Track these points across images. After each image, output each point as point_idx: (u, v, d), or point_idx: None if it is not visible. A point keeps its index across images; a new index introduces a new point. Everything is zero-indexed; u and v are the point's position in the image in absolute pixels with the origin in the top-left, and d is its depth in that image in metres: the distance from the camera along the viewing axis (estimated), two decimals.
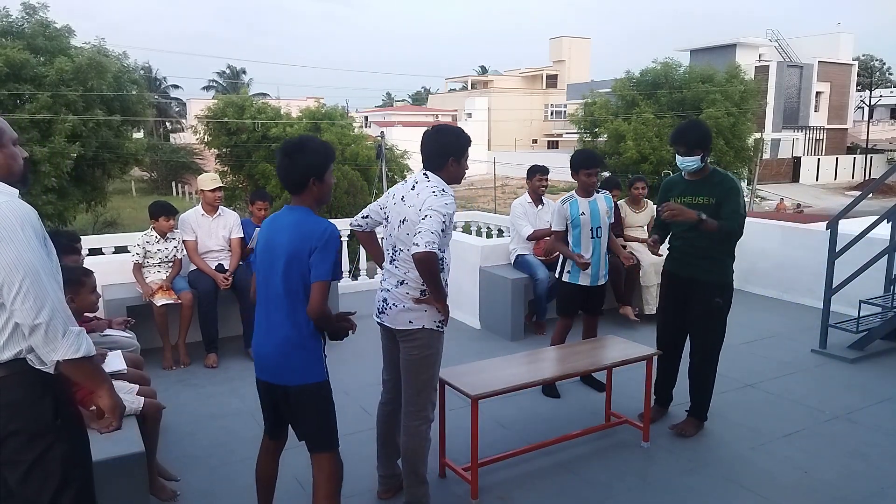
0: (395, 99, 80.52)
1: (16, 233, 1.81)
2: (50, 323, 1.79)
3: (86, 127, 18.52)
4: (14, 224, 1.82)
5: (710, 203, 3.75)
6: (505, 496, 3.33)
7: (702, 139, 3.77)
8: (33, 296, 1.78)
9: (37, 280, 1.80)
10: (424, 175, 2.98)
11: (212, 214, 5.47)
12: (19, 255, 1.79)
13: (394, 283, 3.02)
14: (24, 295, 1.78)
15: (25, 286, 1.78)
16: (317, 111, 27.19)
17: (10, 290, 1.79)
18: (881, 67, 54.80)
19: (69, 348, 1.82)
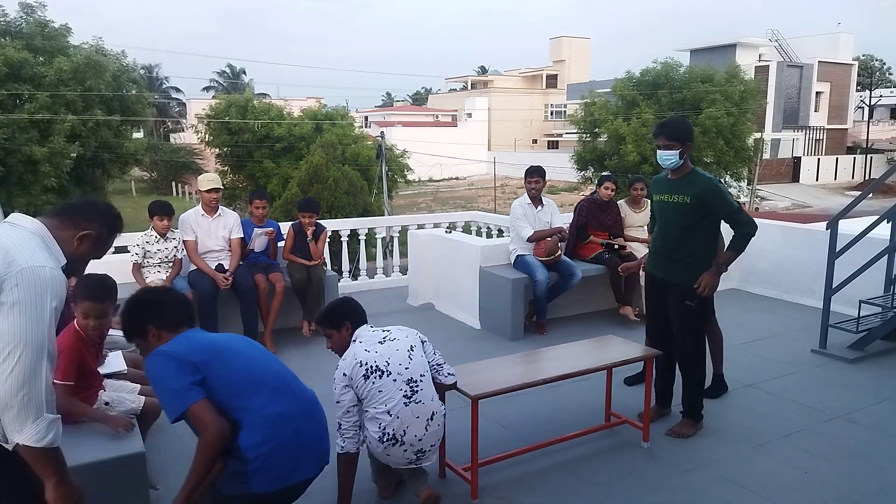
0: (395, 99, 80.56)
1: (39, 305, 1.76)
2: (27, 404, 1.74)
3: (85, 127, 18.55)
4: (44, 295, 1.77)
5: (685, 201, 3.75)
6: (505, 496, 3.33)
7: (680, 132, 3.74)
8: (24, 372, 1.73)
9: (34, 358, 1.74)
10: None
11: (212, 214, 5.47)
12: (30, 327, 1.74)
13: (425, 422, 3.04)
14: (14, 367, 1.72)
15: (20, 359, 1.72)
16: (318, 111, 27.20)
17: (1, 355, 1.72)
18: (881, 67, 54.78)
19: (34, 435, 1.77)
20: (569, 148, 35.83)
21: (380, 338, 3.06)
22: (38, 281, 1.76)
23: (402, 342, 3.06)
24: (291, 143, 25.17)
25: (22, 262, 1.76)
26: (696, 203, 3.71)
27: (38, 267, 1.78)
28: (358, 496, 3.33)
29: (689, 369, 3.95)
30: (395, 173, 25.64)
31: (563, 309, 6.51)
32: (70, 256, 2.00)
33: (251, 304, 5.42)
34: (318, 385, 4.74)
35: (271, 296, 5.51)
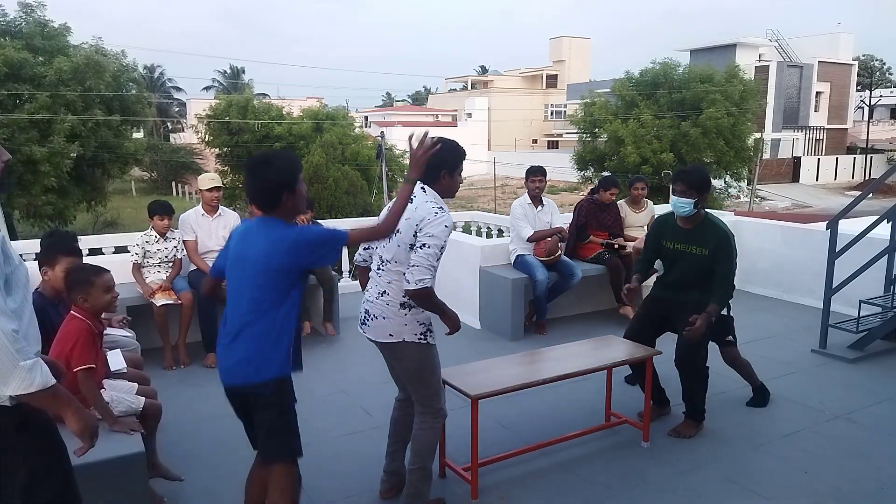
0: (395, 99, 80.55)
1: None
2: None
3: (85, 127, 18.54)
4: None
5: (704, 254, 3.81)
6: (505, 496, 3.33)
7: (702, 183, 3.78)
8: None
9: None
10: (422, 189, 2.92)
11: (212, 214, 5.47)
12: None
13: (376, 293, 2.95)
14: None
15: None
16: (319, 111, 27.21)
17: None
18: (881, 67, 54.78)
19: (20, 384, 1.74)
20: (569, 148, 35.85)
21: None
22: None
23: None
24: (291, 142, 25.17)
25: None
26: (713, 253, 3.79)
27: None
28: (357, 496, 3.33)
29: (692, 372, 3.95)
30: (395, 173, 25.63)
31: (563, 309, 6.51)
32: None
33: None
34: (318, 384, 4.76)
35: None
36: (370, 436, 3.87)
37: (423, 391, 3.03)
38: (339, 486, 3.42)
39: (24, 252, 5.73)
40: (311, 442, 3.88)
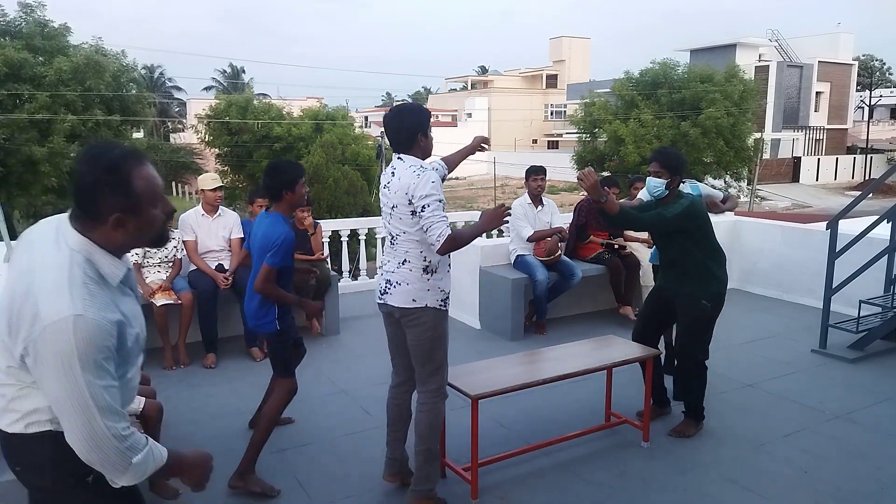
0: (395, 99, 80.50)
1: (65, 368, 1.52)
2: (106, 464, 1.58)
3: (85, 127, 18.52)
4: (69, 357, 1.51)
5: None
6: (505, 496, 3.33)
7: (672, 162, 3.77)
8: (81, 436, 1.55)
9: (85, 422, 1.54)
10: (399, 159, 3.02)
11: (212, 214, 5.47)
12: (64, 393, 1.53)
13: (396, 263, 3.05)
14: (72, 434, 1.56)
15: (73, 425, 1.55)
16: (320, 111, 27.19)
17: (62, 421, 1.57)
18: (881, 67, 54.76)
19: (134, 477, 1.64)
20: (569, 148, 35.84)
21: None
22: (60, 340, 1.51)
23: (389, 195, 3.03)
24: (291, 143, 25.17)
25: (45, 317, 1.52)
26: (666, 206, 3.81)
27: (62, 320, 1.51)
28: (357, 496, 3.33)
29: (690, 365, 3.96)
30: None
31: (563, 309, 6.51)
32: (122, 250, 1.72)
33: None
34: (317, 384, 4.76)
35: None
36: (370, 436, 3.87)
37: (428, 366, 3.07)
38: (340, 486, 3.42)
39: None
40: (311, 442, 3.90)
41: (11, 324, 1.57)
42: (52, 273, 1.57)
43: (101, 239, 1.64)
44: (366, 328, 6.10)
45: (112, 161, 1.59)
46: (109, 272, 1.65)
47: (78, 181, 1.60)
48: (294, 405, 4.35)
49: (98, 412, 1.55)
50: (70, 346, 1.50)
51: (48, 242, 1.63)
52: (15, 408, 1.65)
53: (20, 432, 1.66)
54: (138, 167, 1.63)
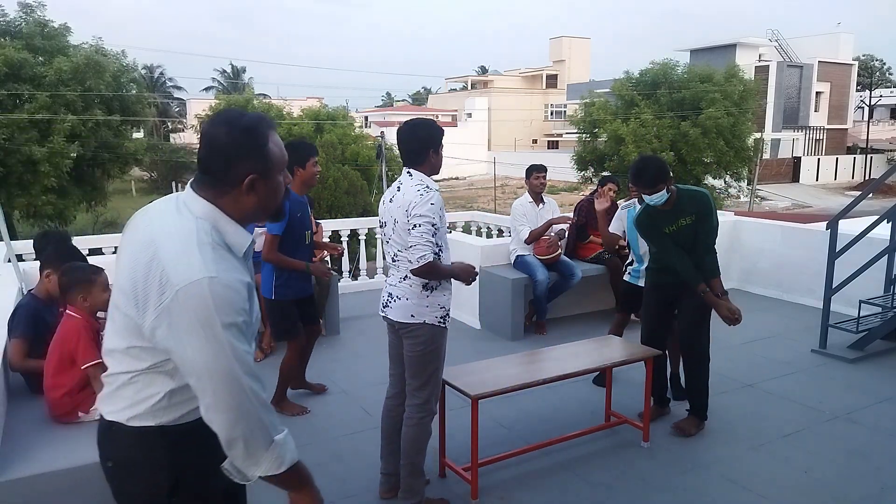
0: (394, 99, 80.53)
1: (207, 330, 1.44)
2: (250, 438, 1.49)
3: (85, 127, 18.51)
4: (210, 318, 1.43)
5: (693, 220, 3.86)
6: (505, 496, 3.33)
7: (659, 175, 3.73)
8: (226, 406, 1.46)
9: (231, 388, 1.46)
10: (408, 174, 3.03)
11: None
12: (209, 359, 1.44)
13: (398, 278, 3.07)
14: (216, 405, 1.47)
15: (216, 394, 1.46)
16: (320, 111, 27.17)
17: (202, 395, 1.48)
18: (881, 67, 54.77)
19: (273, 463, 1.53)
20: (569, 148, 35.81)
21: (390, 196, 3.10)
22: (196, 303, 1.43)
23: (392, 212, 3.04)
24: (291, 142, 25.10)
25: (176, 281, 1.44)
26: (698, 214, 3.83)
27: (195, 282, 1.43)
28: (357, 496, 3.33)
29: (697, 358, 3.97)
30: (396, 173, 25.60)
31: (563, 309, 6.51)
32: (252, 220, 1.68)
33: None
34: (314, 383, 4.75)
35: None
36: (370, 436, 3.87)
37: (417, 379, 3.07)
38: (339, 486, 3.42)
39: (24, 252, 5.72)
40: (311, 442, 3.90)
41: (137, 296, 1.49)
42: (178, 239, 1.50)
43: (230, 205, 1.59)
44: (366, 328, 6.10)
45: (249, 124, 1.57)
46: (235, 241, 1.60)
47: (212, 144, 1.56)
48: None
49: (244, 375, 1.47)
50: (208, 307, 1.43)
51: (169, 213, 1.58)
52: (122, 394, 1.58)
53: (121, 422, 1.59)
54: (271, 132, 1.62)
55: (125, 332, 1.54)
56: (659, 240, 3.95)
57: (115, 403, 1.60)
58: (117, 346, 1.57)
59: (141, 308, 1.48)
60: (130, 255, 1.55)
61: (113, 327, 1.59)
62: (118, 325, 1.56)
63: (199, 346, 1.44)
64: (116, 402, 1.60)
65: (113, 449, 1.64)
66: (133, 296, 1.50)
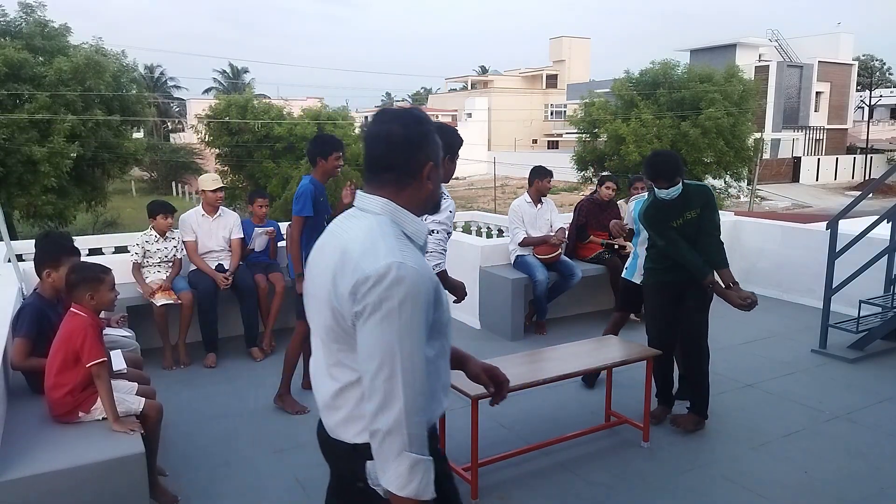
0: (394, 99, 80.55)
1: (404, 314, 1.43)
2: (388, 433, 1.43)
3: (85, 127, 18.50)
4: (405, 303, 1.43)
5: (698, 214, 3.90)
6: (505, 496, 3.33)
7: (678, 168, 3.82)
8: (382, 393, 1.43)
9: (397, 377, 1.43)
10: None
11: (212, 215, 5.47)
12: (398, 339, 1.42)
13: None
14: (375, 388, 1.44)
15: (380, 378, 1.43)
16: (321, 111, 27.15)
17: (367, 375, 1.46)
18: (881, 67, 54.75)
19: (396, 479, 1.44)
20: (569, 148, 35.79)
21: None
22: (386, 289, 1.43)
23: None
24: (292, 143, 25.14)
25: (368, 270, 1.44)
26: (702, 208, 3.89)
27: (384, 267, 1.44)
28: None
29: (702, 365, 4.00)
30: None
31: (563, 309, 6.51)
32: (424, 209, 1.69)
33: (251, 303, 5.42)
34: None
35: (271, 296, 5.51)
36: None
37: None
38: None
39: (25, 252, 5.73)
40: (311, 442, 3.88)
41: (338, 299, 1.50)
42: (362, 235, 1.53)
43: (410, 197, 1.63)
44: None
45: (418, 115, 1.65)
46: (414, 230, 1.62)
47: (391, 140, 1.61)
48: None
49: (420, 371, 1.45)
50: (396, 293, 1.43)
51: (348, 220, 1.65)
52: (362, 413, 1.52)
53: (366, 442, 1.52)
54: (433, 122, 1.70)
55: (333, 343, 1.57)
56: (667, 233, 3.95)
57: (357, 424, 1.57)
58: (335, 362, 1.59)
59: (340, 312, 1.51)
60: (324, 268, 1.59)
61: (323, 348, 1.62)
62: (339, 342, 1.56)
63: (381, 333, 1.44)
64: (358, 422, 1.56)
65: (364, 470, 1.58)
66: (335, 302, 1.52)
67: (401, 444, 1.43)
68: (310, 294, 1.67)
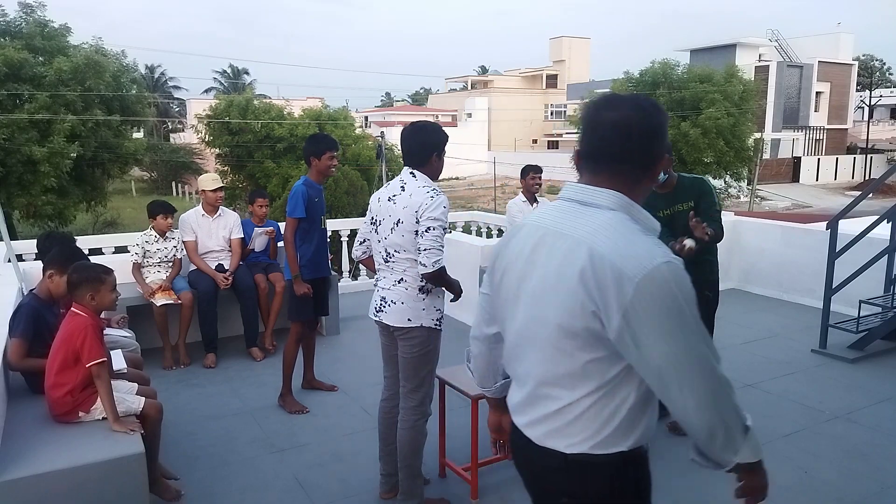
0: (394, 99, 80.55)
1: (673, 314, 1.36)
2: (730, 425, 1.43)
3: (85, 127, 18.51)
4: (674, 299, 1.36)
5: (690, 206, 3.85)
6: (505, 496, 3.33)
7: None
8: (704, 397, 1.39)
9: (708, 375, 1.39)
10: (412, 174, 3.00)
11: (212, 215, 5.47)
12: (679, 347, 1.36)
13: (392, 281, 3.04)
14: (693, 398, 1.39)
15: (695, 387, 1.38)
16: (321, 112, 27.17)
17: (673, 390, 1.38)
18: (881, 67, 54.79)
19: (750, 451, 1.46)
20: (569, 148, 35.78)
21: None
22: (661, 291, 1.35)
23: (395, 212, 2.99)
24: (292, 143, 25.16)
25: (633, 274, 1.35)
26: (697, 198, 3.85)
27: (653, 269, 1.35)
28: (357, 496, 3.33)
29: None
30: (396, 173, 25.46)
31: None
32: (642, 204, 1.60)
33: (251, 303, 5.42)
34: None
35: (271, 296, 5.51)
36: (370, 436, 3.86)
37: (411, 381, 3.07)
38: (339, 486, 3.42)
39: (25, 252, 5.73)
40: (311, 442, 3.90)
41: (598, 303, 1.39)
42: (609, 233, 1.41)
43: (640, 191, 1.54)
44: (366, 328, 6.10)
45: (657, 104, 1.55)
46: (651, 227, 1.53)
47: (631, 130, 1.48)
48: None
49: (714, 360, 1.40)
50: (674, 293, 1.35)
51: (571, 215, 1.51)
52: (583, 424, 1.48)
53: (584, 452, 1.48)
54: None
55: (568, 353, 1.45)
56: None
57: (576, 434, 1.49)
58: (569, 370, 1.47)
59: (602, 314, 1.39)
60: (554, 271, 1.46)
61: (553, 354, 1.48)
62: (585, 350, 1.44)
63: (670, 337, 1.36)
64: (579, 431, 1.49)
65: (573, 483, 1.53)
66: (592, 307, 1.40)
67: (741, 424, 1.45)
68: (520, 295, 1.55)
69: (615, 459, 1.49)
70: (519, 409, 1.63)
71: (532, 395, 1.56)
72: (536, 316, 1.51)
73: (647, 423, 1.53)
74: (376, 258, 3.13)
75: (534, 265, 1.52)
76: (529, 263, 1.54)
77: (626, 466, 1.53)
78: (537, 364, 1.53)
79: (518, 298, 1.56)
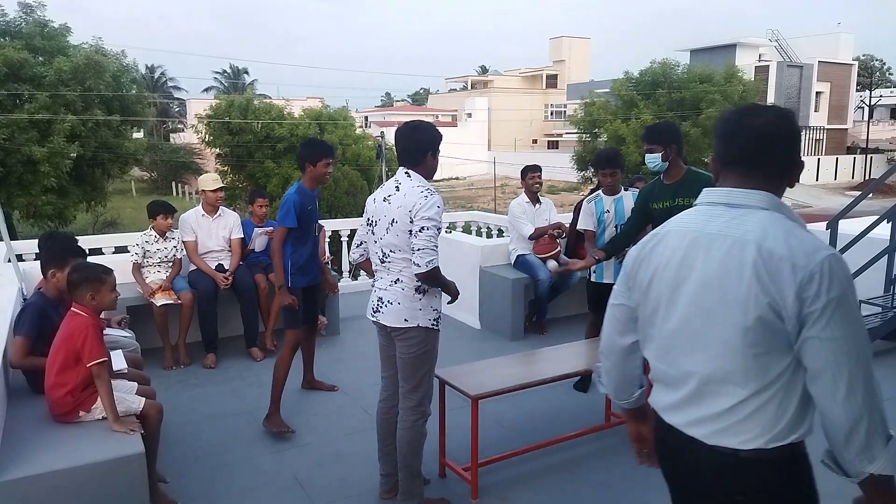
0: (394, 99, 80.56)
1: (851, 303, 1.40)
2: (872, 429, 1.41)
3: (85, 127, 18.52)
4: (851, 288, 1.41)
5: (690, 202, 3.76)
6: (505, 496, 3.33)
7: (662, 135, 3.77)
8: (857, 391, 1.41)
9: (866, 370, 1.45)
10: (406, 174, 3.01)
11: (212, 215, 5.47)
12: (856, 337, 1.43)
13: (389, 281, 3.04)
14: (849, 390, 1.41)
15: (853, 379, 1.42)
16: (321, 112, 27.17)
17: (835, 382, 1.42)
18: (881, 67, 54.80)
19: (888, 462, 1.42)
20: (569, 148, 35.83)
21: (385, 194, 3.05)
22: (837, 280, 1.39)
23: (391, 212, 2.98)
24: (293, 143, 25.16)
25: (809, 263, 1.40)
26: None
27: (826, 258, 1.40)
28: (357, 496, 3.33)
29: None
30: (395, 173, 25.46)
31: (563, 309, 6.51)
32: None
33: (251, 303, 5.42)
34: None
35: (271, 296, 5.51)
36: (370, 436, 3.85)
37: (409, 381, 3.06)
38: (339, 485, 3.42)
39: (25, 252, 5.73)
40: (311, 442, 3.90)
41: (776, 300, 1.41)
42: (774, 230, 1.47)
43: (780, 194, 1.59)
44: (366, 328, 6.07)
45: (793, 114, 1.60)
46: (803, 222, 1.56)
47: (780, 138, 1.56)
48: (294, 405, 4.37)
49: (871, 359, 1.43)
50: (843, 283, 1.39)
51: (722, 217, 1.56)
52: (757, 419, 1.49)
53: (759, 448, 1.50)
54: None
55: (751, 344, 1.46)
56: (635, 212, 4.00)
57: (750, 431, 1.50)
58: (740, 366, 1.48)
59: (777, 304, 1.41)
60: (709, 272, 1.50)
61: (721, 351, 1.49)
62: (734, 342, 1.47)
63: (840, 323, 1.40)
64: (751, 427, 1.50)
65: (747, 480, 1.54)
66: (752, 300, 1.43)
67: (883, 431, 1.43)
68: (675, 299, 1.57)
69: (787, 452, 1.52)
70: (676, 409, 1.63)
71: (695, 393, 1.57)
72: (699, 315, 1.53)
73: (812, 414, 1.54)
74: (373, 259, 3.13)
75: (690, 268, 1.55)
76: (684, 267, 1.56)
77: (797, 458, 1.55)
78: (703, 362, 1.54)
79: (672, 302, 1.59)
